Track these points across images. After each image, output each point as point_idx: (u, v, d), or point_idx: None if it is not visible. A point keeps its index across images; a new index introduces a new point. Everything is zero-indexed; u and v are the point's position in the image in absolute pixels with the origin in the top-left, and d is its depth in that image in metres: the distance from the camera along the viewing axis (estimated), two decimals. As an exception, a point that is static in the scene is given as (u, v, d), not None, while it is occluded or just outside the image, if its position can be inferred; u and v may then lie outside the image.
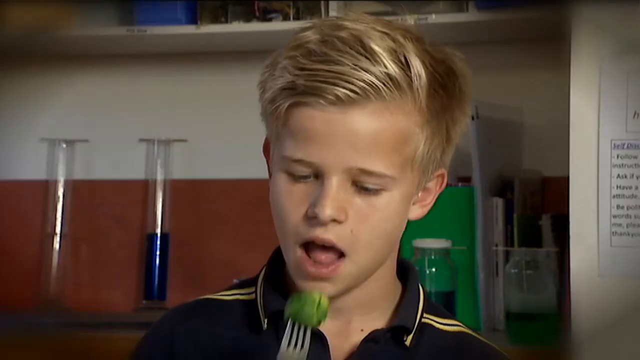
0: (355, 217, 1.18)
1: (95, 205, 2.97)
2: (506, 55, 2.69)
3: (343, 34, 1.18)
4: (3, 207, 2.96)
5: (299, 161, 1.18)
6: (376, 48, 1.17)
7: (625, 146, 1.99)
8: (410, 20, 2.49)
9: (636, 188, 1.98)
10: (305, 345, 1.19)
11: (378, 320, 1.27)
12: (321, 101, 1.16)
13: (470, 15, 2.51)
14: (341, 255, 1.20)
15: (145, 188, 2.94)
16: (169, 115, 2.93)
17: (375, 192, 1.19)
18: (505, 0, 2.46)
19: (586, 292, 2.00)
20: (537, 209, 2.58)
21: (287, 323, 1.19)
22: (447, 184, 1.31)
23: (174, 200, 2.92)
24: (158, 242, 2.89)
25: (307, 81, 1.17)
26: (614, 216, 1.99)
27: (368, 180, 1.18)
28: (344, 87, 1.15)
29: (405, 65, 1.18)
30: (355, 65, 1.16)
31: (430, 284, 2.35)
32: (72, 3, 2.75)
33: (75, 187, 2.96)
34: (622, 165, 1.99)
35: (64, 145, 2.96)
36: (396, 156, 1.18)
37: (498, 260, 2.49)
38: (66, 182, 2.95)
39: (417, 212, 1.28)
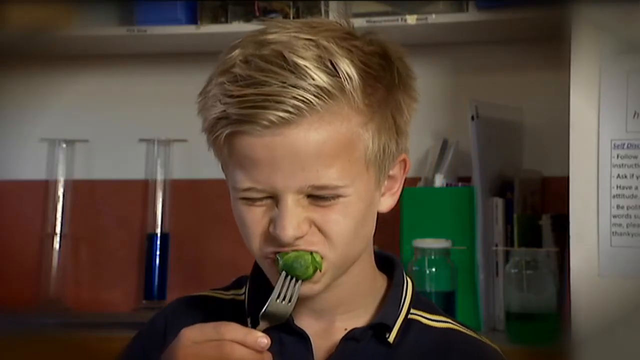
0: (318, 222, 1.19)
1: (95, 205, 2.97)
2: (506, 55, 2.69)
3: (265, 51, 1.17)
4: (3, 207, 2.96)
5: (250, 189, 1.18)
6: (300, 61, 1.15)
7: (625, 146, 1.99)
8: (410, 20, 2.50)
9: (636, 188, 1.98)
10: (293, 299, 1.19)
11: (361, 318, 1.27)
12: (257, 127, 1.15)
13: (470, 15, 2.51)
14: None
15: (145, 188, 2.94)
16: (169, 115, 2.92)
17: (332, 199, 1.18)
18: (505, 0, 2.46)
19: (586, 292, 2.00)
20: (537, 209, 2.58)
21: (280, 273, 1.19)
22: (410, 166, 1.28)
23: (174, 200, 2.92)
24: (158, 242, 2.89)
25: (238, 109, 1.15)
26: (614, 216, 1.99)
27: (322, 193, 1.18)
28: (275, 109, 1.14)
29: (333, 71, 1.16)
30: (283, 83, 1.14)
31: (430, 284, 2.35)
32: (72, 3, 2.75)
33: (75, 187, 2.96)
34: (622, 165, 1.99)
35: (64, 145, 2.96)
36: (345, 163, 1.17)
37: (498, 260, 2.49)
38: (66, 182, 2.95)
39: (388, 202, 1.26)
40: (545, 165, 2.64)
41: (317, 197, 1.18)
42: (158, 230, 2.89)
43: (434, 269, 2.36)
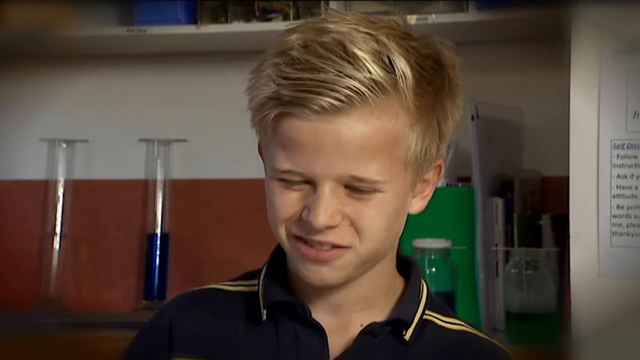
0: (351, 216, 1.19)
1: (95, 205, 2.97)
2: (506, 55, 2.69)
3: (325, 38, 1.18)
4: (3, 207, 2.96)
5: (289, 172, 1.19)
6: (359, 52, 1.16)
7: (625, 146, 1.99)
8: (410, 20, 2.50)
9: (636, 188, 1.98)
10: None
11: (378, 316, 1.27)
12: (306, 111, 1.16)
13: (470, 15, 2.51)
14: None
15: (145, 188, 2.94)
16: (169, 115, 2.93)
17: (368, 193, 1.19)
18: (505, 0, 2.46)
19: (586, 292, 2.00)
20: (537, 209, 2.58)
21: None
22: (444, 172, 1.31)
23: (174, 200, 2.92)
24: (158, 242, 2.89)
25: (291, 91, 1.16)
26: (614, 216, 1.98)
27: (359, 185, 1.18)
28: (328, 96, 1.15)
29: (389, 67, 1.17)
30: (339, 72, 1.15)
31: (430, 284, 2.33)
32: (72, 3, 2.75)
33: (75, 187, 2.96)
34: (622, 165, 1.98)
35: (64, 145, 2.96)
36: (386, 160, 1.19)
37: (498, 260, 2.49)
38: (66, 182, 2.95)
39: (417, 205, 1.28)
40: (545, 165, 2.64)
41: (355, 189, 1.19)
42: (158, 230, 2.89)
43: (434, 269, 2.36)
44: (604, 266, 1.98)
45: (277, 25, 2.63)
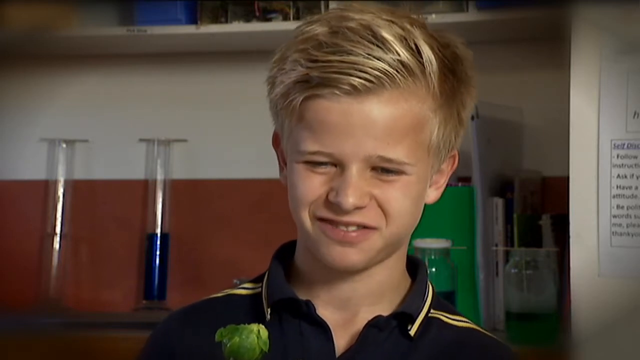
0: (379, 198, 1.20)
1: (95, 205, 2.97)
2: (506, 55, 2.69)
3: (352, 24, 1.20)
4: (3, 207, 2.96)
5: (316, 153, 1.20)
6: (387, 36, 1.18)
7: (625, 146, 1.98)
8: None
9: (636, 188, 1.98)
10: None
11: (384, 311, 1.28)
12: (336, 92, 1.17)
13: (470, 15, 2.51)
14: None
15: (145, 188, 2.94)
16: (169, 115, 2.92)
17: (395, 174, 1.21)
18: (505, 0, 2.46)
19: (586, 292, 1.99)
20: (537, 209, 2.58)
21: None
22: (457, 163, 1.33)
23: (174, 200, 2.92)
24: (158, 242, 2.89)
25: (321, 73, 1.18)
26: (614, 216, 1.98)
27: (387, 166, 1.20)
28: (358, 77, 1.17)
29: (416, 52, 1.19)
30: (369, 54, 1.17)
31: (430, 284, 2.35)
32: (72, 3, 2.75)
33: (75, 187, 2.96)
34: (622, 165, 1.98)
35: (64, 145, 2.96)
36: (412, 143, 1.20)
37: (498, 260, 2.49)
38: (66, 182, 2.95)
39: (432, 195, 1.30)
40: (545, 165, 2.64)
41: (382, 170, 1.20)
42: (158, 230, 2.89)
43: (434, 269, 2.36)
44: (604, 266, 1.98)
45: (277, 25, 2.63)
